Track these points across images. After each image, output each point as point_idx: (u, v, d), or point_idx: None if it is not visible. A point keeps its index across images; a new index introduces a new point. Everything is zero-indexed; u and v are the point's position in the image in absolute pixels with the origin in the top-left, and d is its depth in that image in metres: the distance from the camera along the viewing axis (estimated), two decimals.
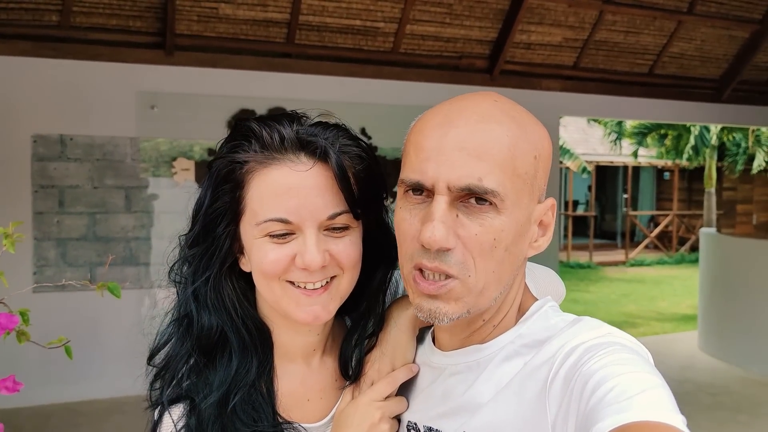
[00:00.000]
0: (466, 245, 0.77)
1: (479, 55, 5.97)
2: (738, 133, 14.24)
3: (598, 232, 18.17)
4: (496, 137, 0.76)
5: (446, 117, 0.78)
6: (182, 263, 0.98)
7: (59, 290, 4.65)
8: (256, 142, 0.92)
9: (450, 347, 0.91)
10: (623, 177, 18.45)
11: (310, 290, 0.92)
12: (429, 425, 0.89)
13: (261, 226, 0.90)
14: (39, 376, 4.41)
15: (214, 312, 0.95)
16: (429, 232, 0.75)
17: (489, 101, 0.80)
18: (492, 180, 0.75)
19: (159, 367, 0.98)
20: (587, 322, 0.82)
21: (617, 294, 11.20)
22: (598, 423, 0.64)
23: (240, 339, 0.96)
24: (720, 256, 6.79)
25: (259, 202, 0.90)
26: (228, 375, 0.94)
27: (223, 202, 0.93)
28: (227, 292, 0.96)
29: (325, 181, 0.91)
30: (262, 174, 0.91)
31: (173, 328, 0.98)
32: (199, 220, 0.95)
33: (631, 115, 7.99)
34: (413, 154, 0.80)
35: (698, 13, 6.27)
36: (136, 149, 5.01)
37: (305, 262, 0.89)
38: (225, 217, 0.94)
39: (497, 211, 0.76)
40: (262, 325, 0.98)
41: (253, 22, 5.18)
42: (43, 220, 4.79)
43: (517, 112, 0.80)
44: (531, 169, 0.79)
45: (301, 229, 0.90)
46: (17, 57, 4.67)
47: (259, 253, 0.91)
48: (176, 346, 0.97)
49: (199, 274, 0.96)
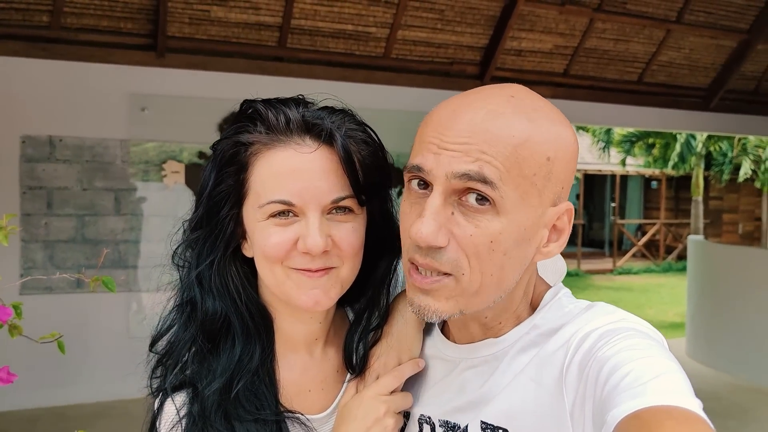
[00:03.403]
0: (460, 244, 0.74)
1: (470, 61, 5.99)
2: (724, 143, 14.38)
3: (586, 241, 18.25)
4: (500, 137, 0.72)
5: (454, 111, 0.76)
6: (186, 247, 0.97)
7: (47, 292, 4.60)
8: (262, 124, 0.91)
9: (463, 340, 0.89)
10: (611, 185, 18.56)
11: (311, 271, 0.90)
12: (445, 419, 0.88)
13: (264, 208, 0.89)
14: (26, 380, 4.36)
15: (218, 297, 0.94)
16: (416, 228, 0.73)
17: (503, 96, 0.76)
18: (492, 172, 0.72)
19: (161, 354, 0.96)
20: (601, 307, 0.82)
21: (604, 301, 11.22)
22: (613, 409, 0.63)
23: (243, 324, 0.94)
24: (708, 263, 6.84)
25: (263, 184, 0.89)
26: (231, 361, 0.92)
27: (227, 184, 0.92)
28: (231, 277, 0.95)
29: (329, 165, 0.90)
30: (267, 156, 0.90)
31: (176, 313, 0.96)
32: (202, 203, 0.94)
33: (620, 122, 8.04)
34: (417, 144, 0.78)
35: (687, 22, 6.34)
36: (126, 151, 4.98)
37: (307, 246, 0.88)
38: (229, 200, 0.92)
39: (496, 213, 0.73)
40: (264, 311, 0.97)
41: (244, 26, 5.18)
42: (30, 221, 4.74)
43: (534, 109, 0.76)
44: (541, 170, 0.74)
45: (304, 212, 0.89)
46: (7, 57, 4.62)
47: (262, 236, 0.90)
48: (179, 332, 0.95)
49: (203, 258, 0.94)
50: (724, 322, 6.39)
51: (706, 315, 6.69)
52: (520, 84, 0.81)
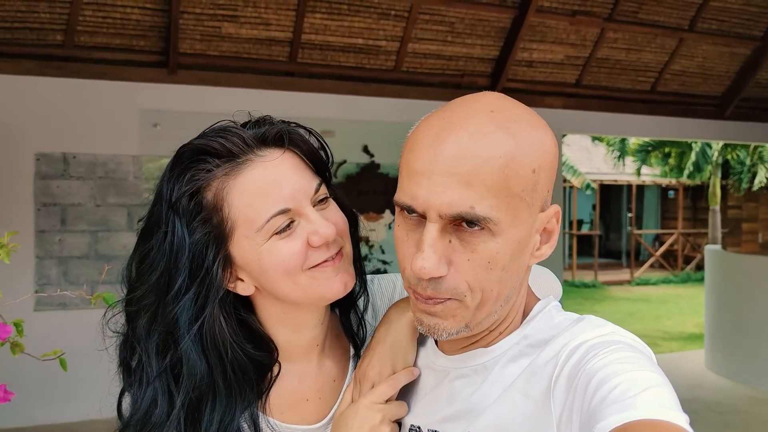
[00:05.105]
0: (459, 271, 0.75)
1: (481, 73, 5.99)
2: (742, 151, 14.24)
3: (603, 252, 18.12)
4: (487, 160, 0.72)
5: (437, 136, 0.74)
6: (169, 319, 0.90)
7: (62, 308, 4.63)
8: (216, 158, 0.89)
9: (453, 350, 0.89)
10: (627, 196, 18.44)
11: (332, 259, 0.92)
12: (434, 429, 0.88)
13: (264, 228, 0.88)
14: (37, 396, 4.38)
15: (206, 357, 0.90)
16: (419, 265, 0.74)
17: (484, 113, 0.75)
18: (484, 206, 0.72)
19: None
20: (591, 320, 0.82)
21: (623, 313, 11.11)
22: (600, 421, 0.63)
23: (227, 382, 0.91)
24: (726, 273, 6.74)
25: (251, 207, 0.88)
26: (214, 425, 0.90)
27: (202, 233, 0.88)
28: (220, 330, 0.91)
29: (297, 162, 0.93)
30: (238, 182, 0.88)
31: (156, 389, 0.91)
32: (183, 268, 0.88)
33: (633, 132, 7.99)
34: (405, 176, 0.77)
35: (699, 30, 6.29)
36: (138, 167, 5.02)
37: (323, 236, 0.89)
38: (210, 248, 0.89)
39: (491, 234, 0.74)
40: (257, 357, 0.94)
41: (255, 41, 5.21)
42: (45, 238, 4.78)
43: (514, 122, 0.75)
44: (528, 183, 0.75)
45: (300, 212, 0.90)
46: (22, 76, 4.70)
47: (272, 256, 0.89)
48: (163, 408, 0.90)
49: (194, 320, 0.89)
50: (743, 333, 6.28)
51: (725, 326, 6.58)
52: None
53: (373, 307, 1.08)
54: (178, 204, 0.88)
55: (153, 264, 0.90)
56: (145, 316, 0.91)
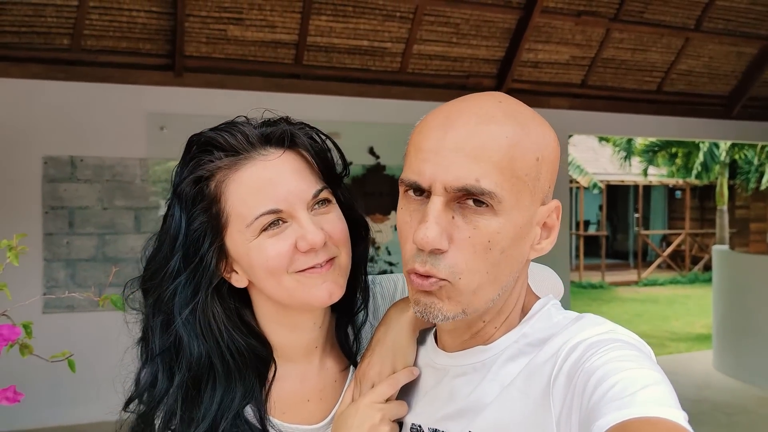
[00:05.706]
0: (459, 247, 0.76)
1: (486, 74, 5.99)
2: (749, 151, 14.18)
3: (610, 252, 18.05)
4: (494, 138, 0.75)
5: (446, 118, 0.78)
6: (167, 299, 0.93)
7: (69, 311, 4.65)
8: (220, 150, 0.91)
9: (453, 348, 0.90)
10: (634, 196, 18.37)
11: (318, 267, 0.92)
12: (434, 427, 0.88)
13: (253, 225, 0.89)
14: (45, 397, 4.40)
15: (202, 339, 0.93)
16: (422, 234, 0.75)
17: (492, 101, 0.79)
18: (489, 181, 0.74)
19: (146, 410, 0.94)
20: (590, 318, 0.82)
21: (630, 314, 11.07)
22: (599, 419, 0.64)
23: (225, 366, 0.93)
24: (734, 273, 6.71)
25: (243, 203, 0.90)
26: (213, 406, 0.92)
27: (200, 222, 0.91)
28: (214, 316, 0.94)
29: (298, 165, 0.93)
30: (236, 177, 0.90)
31: (157, 365, 0.94)
32: (178, 249, 0.92)
33: (640, 132, 7.97)
34: (413, 155, 0.79)
35: (705, 29, 6.27)
36: (145, 170, 5.04)
37: (309, 242, 0.89)
38: (207, 236, 0.91)
39: (493, 213, 0.75)
40: (254, 346, 0.96)
41: (261, 44, 5.23)
42: (52, 240, 4.80)
43: (520, 113, 0.79)
44: (532, 170, 0.77)
45: (293, 214, 0.90)
46: (29, 80, 4.72)
47: (259, 253, 0.90)
48: (164, 383, 0.93)
49: (185, 303, 0.92)
50: (751, 334, 6.25)
51: (733, 326, 6.55)
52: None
53: (374, 306, 1.09)
54: (181, 189, 0.92)
55: (158, 245, 0.95)
56: (153, 295, 0.95)
